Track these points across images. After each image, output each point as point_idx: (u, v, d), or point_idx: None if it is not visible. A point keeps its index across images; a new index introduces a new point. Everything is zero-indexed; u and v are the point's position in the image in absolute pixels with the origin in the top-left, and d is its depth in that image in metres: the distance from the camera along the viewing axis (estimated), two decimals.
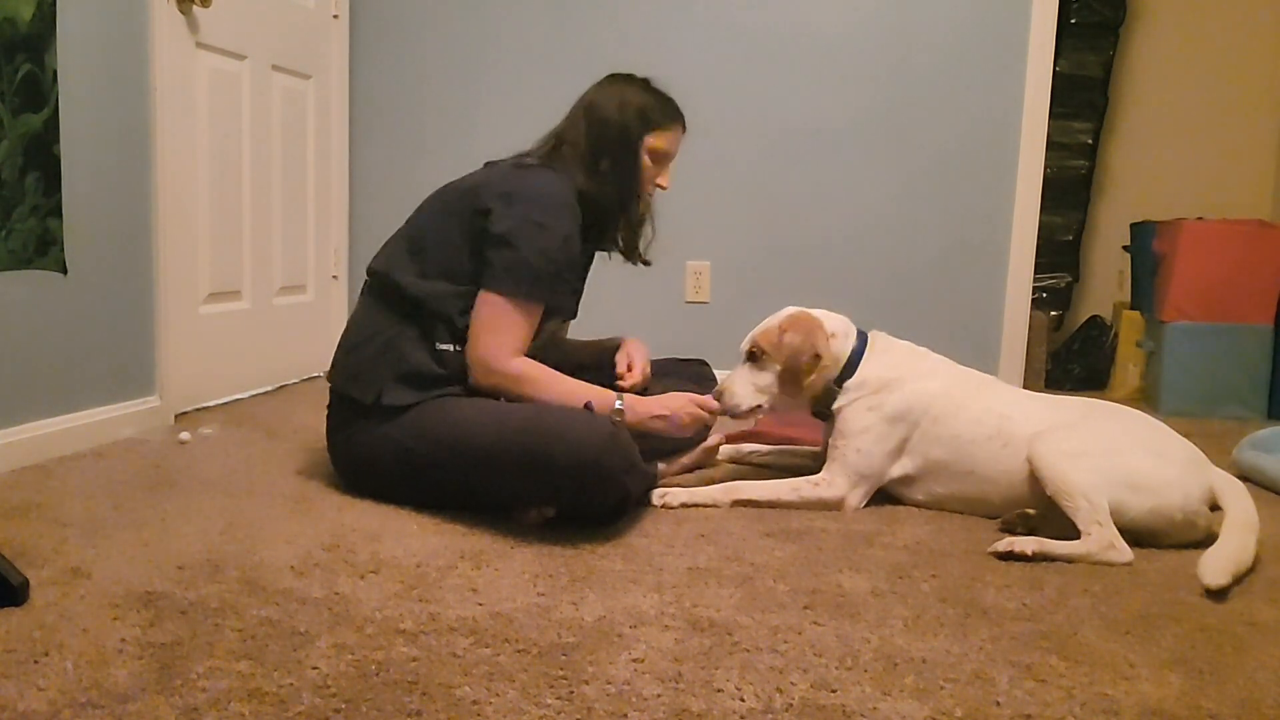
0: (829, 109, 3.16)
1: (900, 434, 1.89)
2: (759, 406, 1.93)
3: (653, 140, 1.93)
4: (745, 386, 1.93)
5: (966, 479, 1.87)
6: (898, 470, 1.92)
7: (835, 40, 3.14)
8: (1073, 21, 3.91)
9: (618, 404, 1.81)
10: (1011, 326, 3.13)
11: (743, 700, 1.10)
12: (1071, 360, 3.84)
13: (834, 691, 1.13)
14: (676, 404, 1.85)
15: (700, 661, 1.20)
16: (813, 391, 1.92)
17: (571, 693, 1.11)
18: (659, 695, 1.11)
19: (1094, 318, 4.00)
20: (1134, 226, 3.74)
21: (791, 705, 1.10)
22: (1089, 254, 4.20)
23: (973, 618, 1.37)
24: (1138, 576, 1.56)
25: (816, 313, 1.97)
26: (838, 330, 1.95)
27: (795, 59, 3.16)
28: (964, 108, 3.09)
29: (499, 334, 1.81)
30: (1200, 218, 3.38)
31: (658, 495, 1.89)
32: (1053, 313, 3.98)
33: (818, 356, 1.89)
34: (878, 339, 1.99)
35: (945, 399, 1.89)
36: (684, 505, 1.88)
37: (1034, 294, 3.19)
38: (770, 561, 1.58)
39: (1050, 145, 3.14)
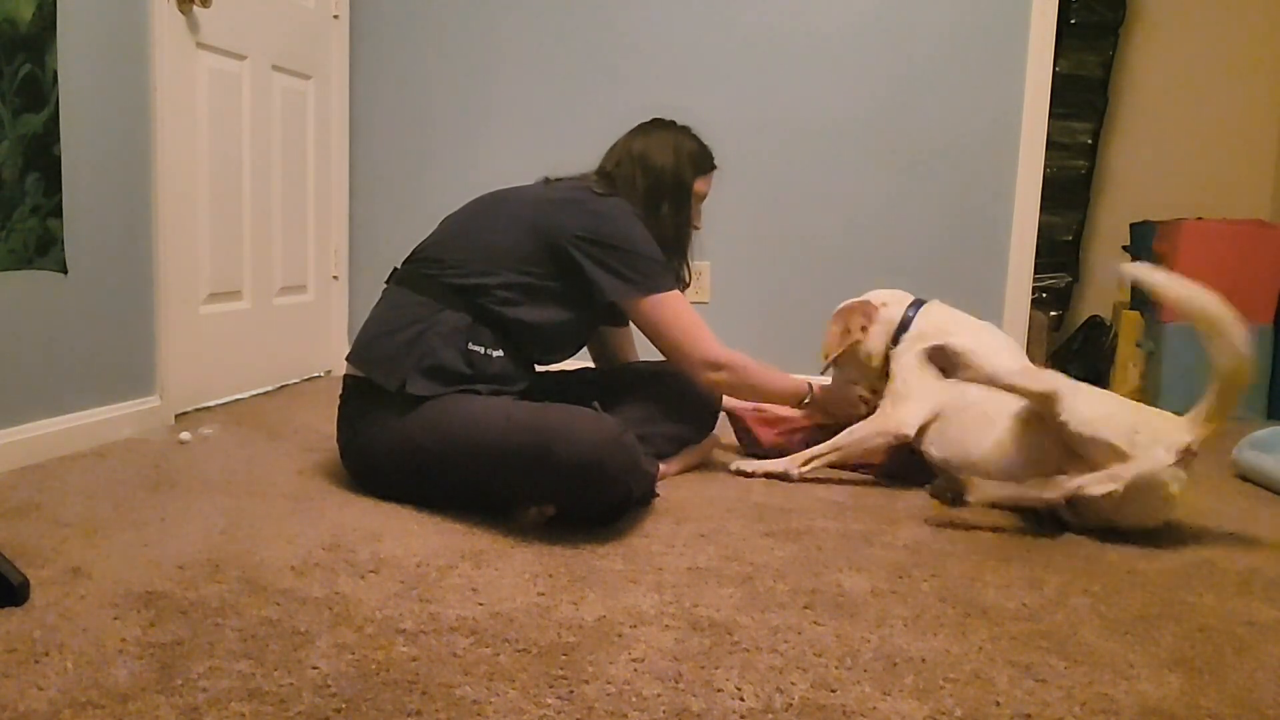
0: (829, 109, 3.16)
1: (934, 371, 2.03)
2: (860, 397, 2.18)
3: (698, 184, 2.10)
4: (840, 385, 2.19)
5: (991, 421, 1.92)
6: (933, 406, 2.01)
7: (835, 40, 3.14)
8: (1073, 21, 3.92)
9: (808, 397, 2.12)
10: (1011, 326, 3.13)
11: (743, 700, 1.11)
12: (1071, 360, 3.84)
13: (834, 691, 1.13)
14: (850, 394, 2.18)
15: (700, 661, 1.20)
16: (874, 359, 2.16)
17: (571, 693, 1.11)
18: (659, 695, 1.11)
19: (1094, 318, 4.00)
20: (1134, 226, 3.75)
21: (791, 705, 1.10)
22: (1089, 254, 4.20)
23: (973, 618, 1.38)
24: (1137, 576, 1.56)
25: (868, 294, 2.23)
26: (888, 300, 2.20)
27: (795, 59, 3.16)
28: (964, 108, 3.09)
29: (693, 329, 1.96)
30: (1200, 218, 3.38)
31: (735, 466, 2.11)
32: (1053, 313, 3.99)
33: (864, 329, 2.15)
34: (931, 304, 2.19)
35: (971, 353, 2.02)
36: (766, 474, 2.09)
37: (1034, 294, 3.19)
38: (770, 561, 1.58)
39: (1050, 145, 3.14)
